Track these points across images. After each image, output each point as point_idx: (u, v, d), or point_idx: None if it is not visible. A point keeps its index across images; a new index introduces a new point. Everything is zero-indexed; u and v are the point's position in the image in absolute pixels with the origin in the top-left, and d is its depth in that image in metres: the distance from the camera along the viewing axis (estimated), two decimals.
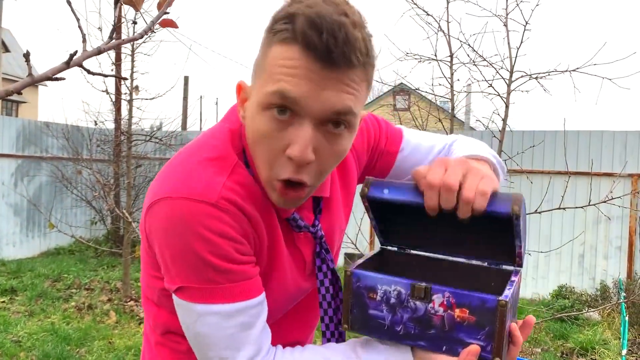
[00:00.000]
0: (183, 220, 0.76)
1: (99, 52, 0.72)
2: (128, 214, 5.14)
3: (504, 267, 0.90)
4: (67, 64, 0.67)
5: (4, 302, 5.25)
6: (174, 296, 0.82)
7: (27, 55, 0.61)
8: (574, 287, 5.77)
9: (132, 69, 5.68)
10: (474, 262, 0.93)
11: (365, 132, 1.03)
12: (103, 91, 5.84)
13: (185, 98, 16.58)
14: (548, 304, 5.49)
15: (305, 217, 0.91)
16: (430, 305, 0.80)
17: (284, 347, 0.93)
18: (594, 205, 3.30)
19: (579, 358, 4.25)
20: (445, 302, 0.79)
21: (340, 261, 6.97)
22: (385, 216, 0.91)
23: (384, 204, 0.85)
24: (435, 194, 0.77)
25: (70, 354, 3.93)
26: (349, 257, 6.72)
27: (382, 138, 1.06)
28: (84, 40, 0.72)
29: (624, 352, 3.58)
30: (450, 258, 0.94)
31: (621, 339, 4.16)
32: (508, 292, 0.78)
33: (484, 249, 0.90)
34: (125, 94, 5.76)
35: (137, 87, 7.27)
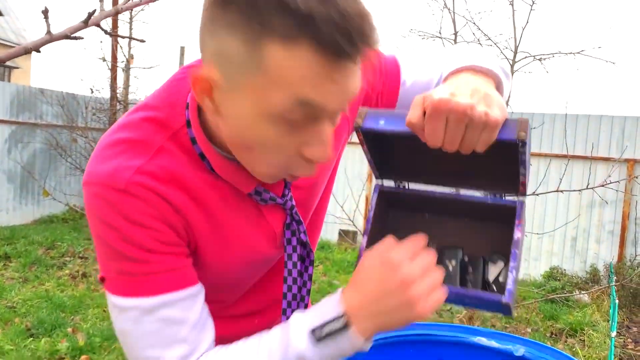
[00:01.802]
0: (94, 207, 0.70)
1: (116, 12, 0.69)
2: None
3: (507, 197, 0.86)
4: (85, 23, 0.64)
5: None
6: None
7: (45, 12, 0.59)
8: (565, 270, 5.84)
9: (129, 36, 5.59)
10: (474, 194, 0.88)
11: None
12: (100, 58, 5.76)
13: None
14: (539, 285, 5.56)
15: (274, 187, 0.82)
16: None
17: (245, 321, 0.90)
18: (592, 189, 3.31)
19: (568, 338, 4.32)
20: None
21: (334, 236, 7.00)
22: (380, 148, 0.86)
23: (380, 135, 0.79)
24: (439, 145, 0.72)
25: (65, 321, 3.94)
26: (344, 233, 6.76)
27: (378, 81, 0.94)
28: (101, 0, 0.69)
29: (614, 334, 3.64)
30: (449, 191, 0.89)
31: (610, 321, 4.24)
32: (511, 286, 0.76)
33: (485, 179, 0.86)
34: (123, 62, 5.68)
35: (132, 55, 7.18)
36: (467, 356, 1.48)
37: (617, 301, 4.28)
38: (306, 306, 0.89)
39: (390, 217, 0.98)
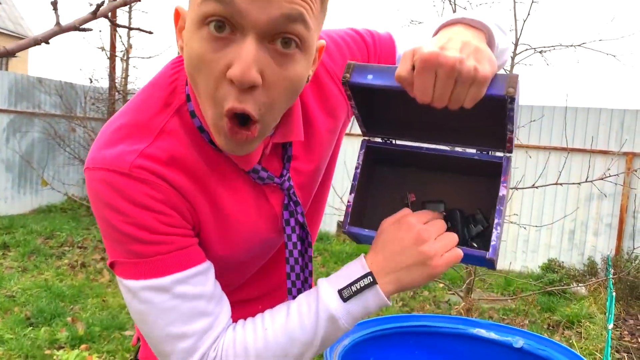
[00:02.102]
0: (97, 192, 0.71)
1: (124, 3, 0.69)
2: None
3: (493, 153, 0.87)
4: (94, 15, 0.64)
5: None
6: None
7: (54, 4, 0.59)
8: (562, 262, 5.86)
9: (129, 25, 5.55)
10: (461, 150, 0.90)
11: (349, 56, 0.90)
12: (99, 48, 5.73)
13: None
14: (537, 278, 5.58)
15: (273, 167, 0.83)
16: None
17: (250, 306, 0.91)
18: (590, 182, 3.32)
19: (565, 330, 4.35)
20: None
21: (332, 227, 7.01)
22: (368, 103, 0.86)
23: (368, 89, 0.79)
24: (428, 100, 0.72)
25: (64, 311, 3.96)
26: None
27: (372, 55, 0.93)
28: None
29: (610, 326, 3.67)
30: (437, 147, 0.90)
31: (607, 314, 4.26)
32: (495, 242, 0.79)
33: (472, 136, 0.87)
34: (121, 51, 5.65)
35: (130, 45, 7.13)
36: (467, 347, 1.49)
37: (614, 294, 4.31)
38: (310, 287, 0.90)
39: (376, 173, 0.99)
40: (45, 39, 0.57)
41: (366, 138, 0.92)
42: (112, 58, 6.57)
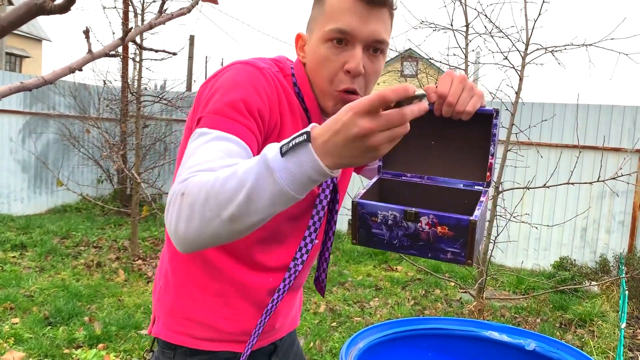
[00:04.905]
0: (233, 73, 1.01)
1: (150, 27, 0.73)
2: (137, 175, 5.18)
3: (476, 187, 1.12)
4: (122, 40, 0.68)
5: (14, 257, 5.34)
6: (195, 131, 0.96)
7: (86, 32, 0.62)
8: (575, 260, 5.85)
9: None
10: (452, 183, 1.15)
11: None
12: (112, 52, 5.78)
13: (190, 57, 16.42)
14: (549, 276, 5.57)
15: None
16: (419, 224, 1.00)
17: (274, 274, 1.17)
18: (602, 181, 3.32)
19: (577, 329, 4.34)
20: (430, 222, 0.99)
21: (344, 226, 7.04)
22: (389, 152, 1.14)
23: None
24: (441, 102, 1.02)
25: (82, 310, 4.03)
26: None
27: None
28: (136, 15, 0.73)
29: (623, 325, 3.67)
30: (434, 182, 1.16)
31: (620, 312, 4.25)
32: (477, 212, 0.99)
33: (462, 171, 1.14)
34: (135, 53, 5.71)
35: (141, 46, 7.17)
36: (479, 350, 1.51)
37: (626, 292, 4.30)
38: (333, 233, 1.22)
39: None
40: (79, 67, 0.60)
41: (380, 174, 1.19)
42: (124, 60, 6.64)
